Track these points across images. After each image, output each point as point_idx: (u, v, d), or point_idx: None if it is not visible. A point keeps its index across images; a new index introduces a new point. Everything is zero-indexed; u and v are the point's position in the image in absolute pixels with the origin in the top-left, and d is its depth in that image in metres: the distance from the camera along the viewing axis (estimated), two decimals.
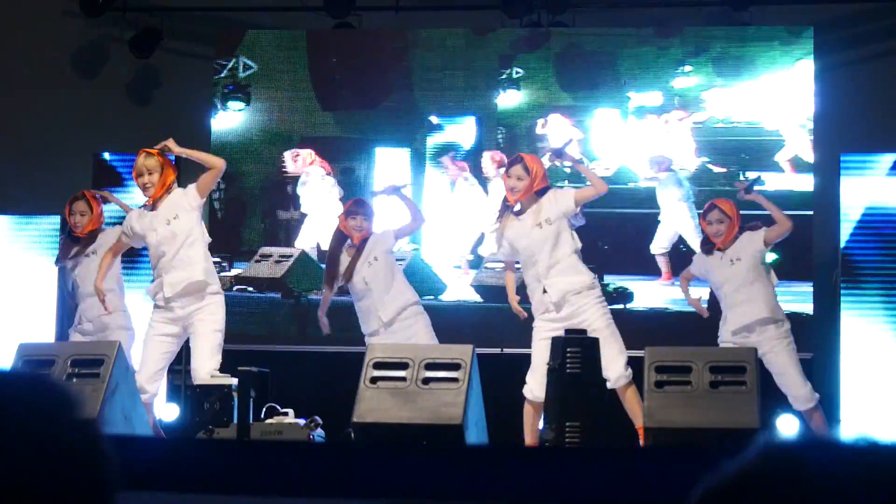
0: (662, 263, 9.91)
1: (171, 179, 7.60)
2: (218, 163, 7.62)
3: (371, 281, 7.94)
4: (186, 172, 10.40)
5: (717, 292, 7.90)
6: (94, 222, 8.25)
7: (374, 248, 8.00)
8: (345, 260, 8.05)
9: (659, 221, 9.98)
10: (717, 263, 7.82)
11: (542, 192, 7.39)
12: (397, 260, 8.52)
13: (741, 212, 7.98)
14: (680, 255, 9.85)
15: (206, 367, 7.31)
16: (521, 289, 7.60)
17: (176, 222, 7.52)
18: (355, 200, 8.37)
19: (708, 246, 7.89)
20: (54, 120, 10.88)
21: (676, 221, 9.92)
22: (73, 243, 8.30)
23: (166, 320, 7.54)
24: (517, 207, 7.38)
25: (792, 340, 7.76)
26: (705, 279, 8.03)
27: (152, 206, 7.58)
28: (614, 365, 7.16)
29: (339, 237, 8.15)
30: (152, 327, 7.60)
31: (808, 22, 10.06)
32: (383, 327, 7.91)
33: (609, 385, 7.11)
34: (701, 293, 9.82)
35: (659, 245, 9.92)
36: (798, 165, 9.87)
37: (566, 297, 7.30)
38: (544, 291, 7.31)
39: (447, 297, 9.75)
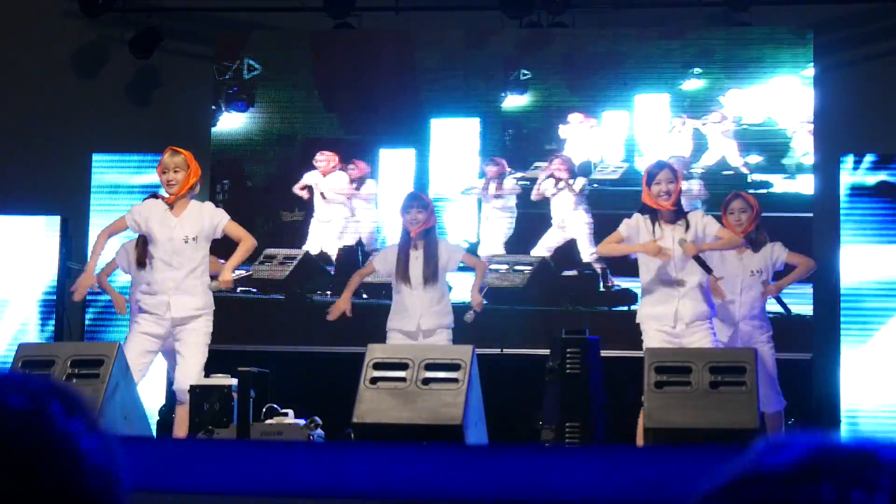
0: None
1: (193, 180, 7.49)
2: (250, 246, 7.56)
3: (422, 285, 7.91)
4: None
5: (727, 287, 7.77)
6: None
7: (441, 256, 7.99)
8: (413, 255, 8.00)
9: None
10: (737, 265, 7.81)
11: (679, 212, 7.37)
12: None
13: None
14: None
15: (191, 381, 7.24)
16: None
17: (194, 244, 7.38)
18: (407, 195, 8.30)
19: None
20: (54, 120, 10.89)
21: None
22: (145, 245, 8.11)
23: (154, 322, 7.45)
24: (666, 213, 7.33)
25: (773, 345, 7.88)
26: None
27: (171, 206, 7.42)
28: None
29: (405, 236, 8.07)
30: (138, 324, 7.42)
31: (808, 22, 10.06)
32: (421, 334, 7.90)
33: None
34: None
35: None
36: (800, 167, 9.86)
37: (693, 322, 7.28)
38: (676, 309, 7.27)
39: (451, 298, 9.72)
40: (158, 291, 7.39)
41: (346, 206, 10.35)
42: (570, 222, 10.08)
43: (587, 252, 9.95)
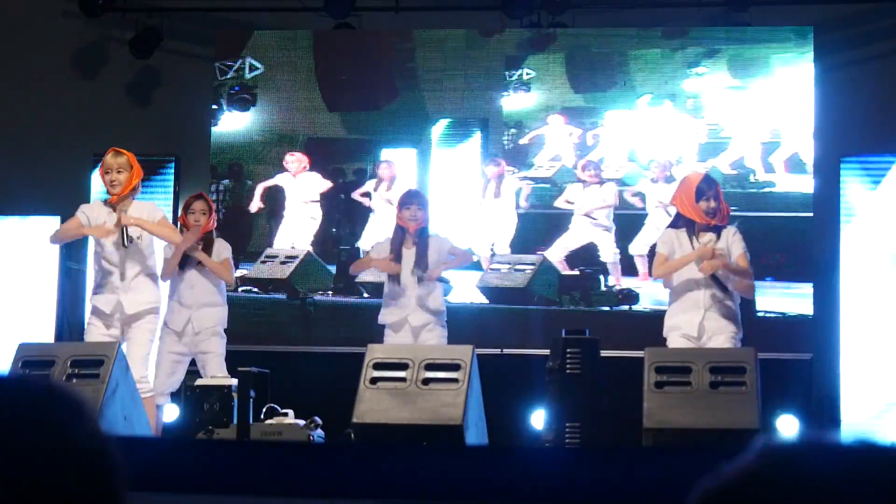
0: (640, 264, 9.90)
1: (136, 181, 7.53)
2: (171, 235, 7.60)
3: (415, 283, 7.88)
4: (194, 183, 10.42)
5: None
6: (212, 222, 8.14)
7: (432, 255, 7.95)
8: (407, 253, 7.97)
9: (644, 224, 9.94)
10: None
11: (716, 228, 7.35)
12: None
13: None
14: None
15: (141, 373, 7.35)
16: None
17: (139, 242, 7.47)
18: (408, 191, 8.27)
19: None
20: (54, 120, 10.88)
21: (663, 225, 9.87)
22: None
23: (105, 324, 7.50)
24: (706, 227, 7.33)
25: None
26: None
27: (114, 207, 7.48)
28: None
29: (398, 231, 8.01)
30: (96, 327, 7.55)
31: (808, 22, 10.06)
32: (411, 330, 7.86)
33: None
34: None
35: (640, 246, 9.87)
36: (795, 166, 9.85)
37: (717, 334, 7.28)
38: (702, 321, 7.24)
39: (452, 298, 9.71)
40: (107, 292, 7.48)
41: (320, 208, 10.36)
42: (592, 226, 10.04)
43: (610, 253, 9.95)
